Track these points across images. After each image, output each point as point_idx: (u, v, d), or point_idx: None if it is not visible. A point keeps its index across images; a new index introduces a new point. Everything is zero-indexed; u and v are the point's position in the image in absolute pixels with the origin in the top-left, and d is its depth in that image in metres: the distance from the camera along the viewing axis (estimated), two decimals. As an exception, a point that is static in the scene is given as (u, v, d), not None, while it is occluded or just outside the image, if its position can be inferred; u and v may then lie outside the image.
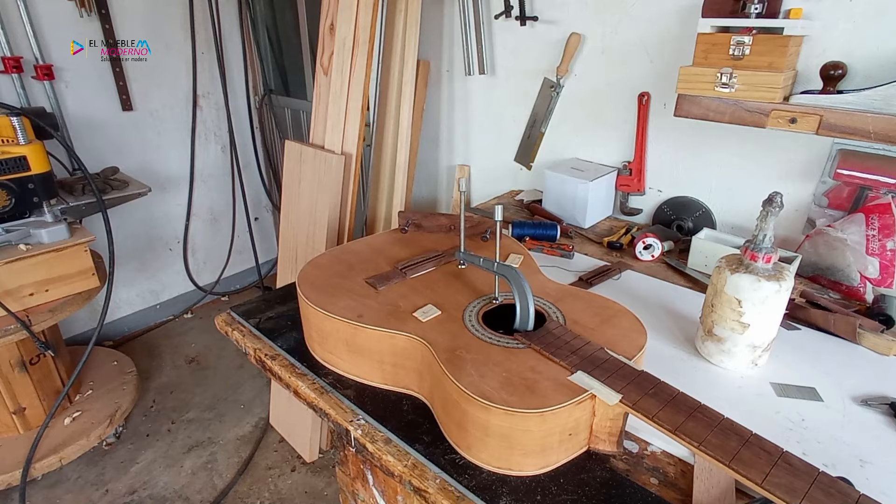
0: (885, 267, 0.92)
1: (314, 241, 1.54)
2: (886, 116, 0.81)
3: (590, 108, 1.35)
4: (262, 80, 2.48)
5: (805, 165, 1.05)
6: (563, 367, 0.61)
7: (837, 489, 0.48)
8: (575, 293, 0.79)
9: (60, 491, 1.61)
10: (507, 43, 1.46)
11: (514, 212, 1.38)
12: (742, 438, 0.53)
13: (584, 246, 1.17)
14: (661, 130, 1.23)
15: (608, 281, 1.00)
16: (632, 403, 0.57)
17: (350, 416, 0.69)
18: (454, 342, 0.66)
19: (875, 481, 0.57)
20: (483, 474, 0.59)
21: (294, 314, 0.84)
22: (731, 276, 0.70)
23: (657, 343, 0.81)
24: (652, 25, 1.17)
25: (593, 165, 1.33)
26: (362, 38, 1.38)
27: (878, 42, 0.91)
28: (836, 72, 0.90)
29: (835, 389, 0.71)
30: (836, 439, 0.63)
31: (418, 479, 0.60)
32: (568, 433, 0.59)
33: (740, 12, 0.93)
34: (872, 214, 0.93)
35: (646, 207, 1.32)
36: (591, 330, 0.69)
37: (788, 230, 1.10)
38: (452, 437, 0.63)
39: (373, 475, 0.79)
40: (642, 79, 1.22)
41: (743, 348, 0.73)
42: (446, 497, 0.57)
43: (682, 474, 0.60)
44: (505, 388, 0.57)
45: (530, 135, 1.48)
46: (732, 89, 0.91)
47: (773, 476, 0.49)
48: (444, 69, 1.65)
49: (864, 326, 0.81)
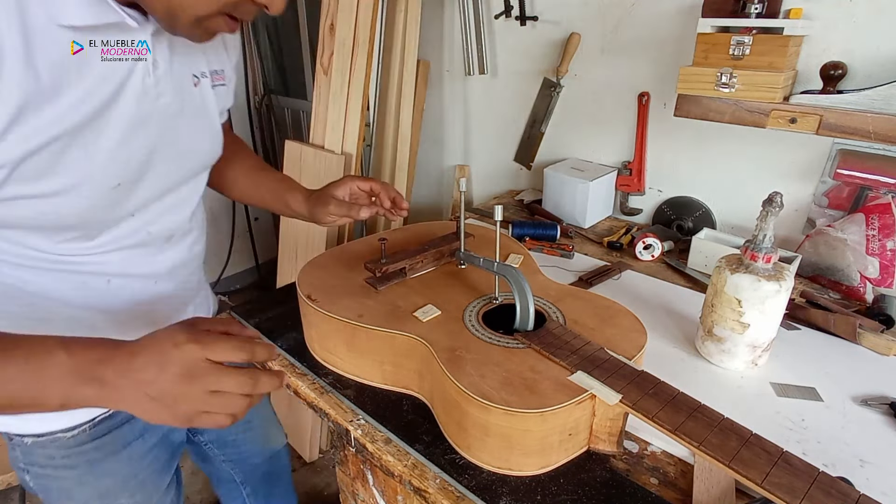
0: (885, 267, 0.92)
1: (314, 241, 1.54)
2: (886, 116, 0.81)
3: (590, 108, 1.34)
4: (262, 80, 2.48)
5: (805, 165, 1.05)
6: (563, 366, 0.61)
7: (837, 489, 0.48)
8: (575, 293, 0.79)
9: (60, 491, 1.61)
10: (507, 43, 1.46)
11: (514, 212, 1.38)
12: (742, 438, 0.53)
13: (584, 246, 1.17)
14: (661, 130, 1.23)
15: (608, 281, 1.00)
16: (632, 403, 0.57)
17: (350, 416, 0.69)
18: (454, 342, 0.66)
19: (875, 481, 0.57)
20: (483, 474, 0.59)
21: (294, 314, 0.84)
22: (731, 276, 0.70)
23: (657, 343, 0.81)
24: (652, 25, 1.16)
25: (593, 165, 1.33)
26: (362, 38, 1.38)
27: (878, 42, 0.91)
28: (836, 72, 0.90)
29: (835, 389, 0.71)
30: (836, 439, 0.63)
31: (418, 479, 0.60)
32: (568, 433, 0.59)
33: (740, 12, 0.93)
34: (872, 214, 0.93)
35: (646, 207, 1.32)
36: (591, 330, 0.69)
37: (788, 230, 1.10)
38: (452, 437, 0.63)
39: (373, 475, 0.79)
40: (642, 79, 1.22)
41: (743, 348, 0.73)
42: (446, 497, 0.57)
43: (682, 474, 0.60)
44: (505, 388, 0.57)
45: (530, 135, 1.48)
46: (732, 89, 0.91)
47: (773, 476, 0.49)
48: (444, 69, 1.65)
49: (864, 326, 0.81)
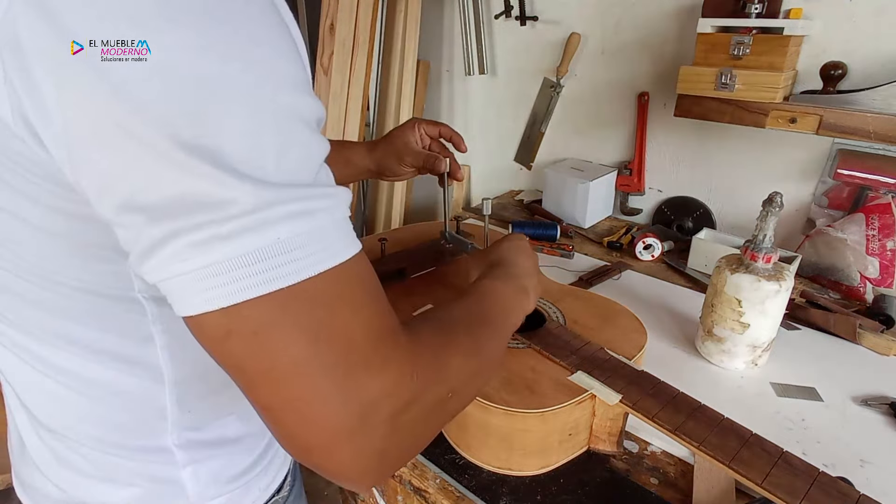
0: (885, 267, 0.92)
1: (314, 241, 1.54)
2: (886, 116, 0.81)
3: (590, 107, 1.34)
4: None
5: (805, 165, 1.05)
6: (563, 366, 0.61)
7: (837, 489, 0.48)
8: (575, 293, 0.79)
9: (60, 491, 1.61)
10: (507, 43, 1.46)
11: (514, 212, 1.38)
12: (742, 438, 0.53)
13: (584, 246, 1.17)
14: (661, 130, 1.23)
15: (608, 281, 1.00)
16: (632, 403, 0.57)
17: (350, 416, 0.69)
18: (454, 342, 0.66)
19: (875, 481, 0.57)
20: (483, 474, 0.59)
21: (294, 314, 0.84)
22: (731, 276, 0.70)
23: (657, 343, 0.81)
24: (652, 25, 1.17)
25: (593, 165, 1.33)
26: (362, 38, 1.38)
27: (878, 42, 0.91)
28: (836, 72, 0.90)
29: (835, 389, 0.71)
30: (836, 439, 0.63)
31: (418, 479, 0.60)
32: (568, 433, 0.59)
33: (740, 12, 0.93)
34: (872, 214, 0.93)
35: (646, 207, 1.32)
36: (591, 330, 0.69)
37: (788, 230, 1.10)
38: (452, 437, 0.63)
39: (373, 475, 0.79)
40: (642, 79, 1.22)
41: (743, 348, 0.73)
42: (446, 497, 0.57)
43: (682, 474, 0.60)
44: (505, 388, 0.57)
45: (530, 135, 1.48)
46: (732, 89, 0.91)
47: (773, 476, 0.49)
48: (444, 69, 1.65)
49: (864, 326, 0.81)
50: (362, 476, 0.32)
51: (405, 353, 0.32)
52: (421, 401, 0.33)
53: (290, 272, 0.27)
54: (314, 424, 0.29)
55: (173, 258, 0.26)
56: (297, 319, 0.28)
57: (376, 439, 0.30)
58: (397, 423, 0.31)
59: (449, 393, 0.36)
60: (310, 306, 0.28)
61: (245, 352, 0.28)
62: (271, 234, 0.27)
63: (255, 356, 0.28)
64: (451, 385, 0.36)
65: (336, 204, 0.30)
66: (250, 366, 0.28)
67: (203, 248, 0.26)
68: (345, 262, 0.30)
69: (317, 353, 0.28)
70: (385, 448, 0.31)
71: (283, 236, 0.27)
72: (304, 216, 0.28)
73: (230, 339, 0.28)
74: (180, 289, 0.27)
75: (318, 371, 0.28)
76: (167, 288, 0.28)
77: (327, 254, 0.29)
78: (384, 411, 0.30)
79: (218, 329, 0.28)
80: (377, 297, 0.33)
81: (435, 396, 0.34)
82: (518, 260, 0.57)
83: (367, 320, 0.31)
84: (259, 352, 0.28)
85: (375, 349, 0.31)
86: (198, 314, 0.27)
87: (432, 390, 0.34)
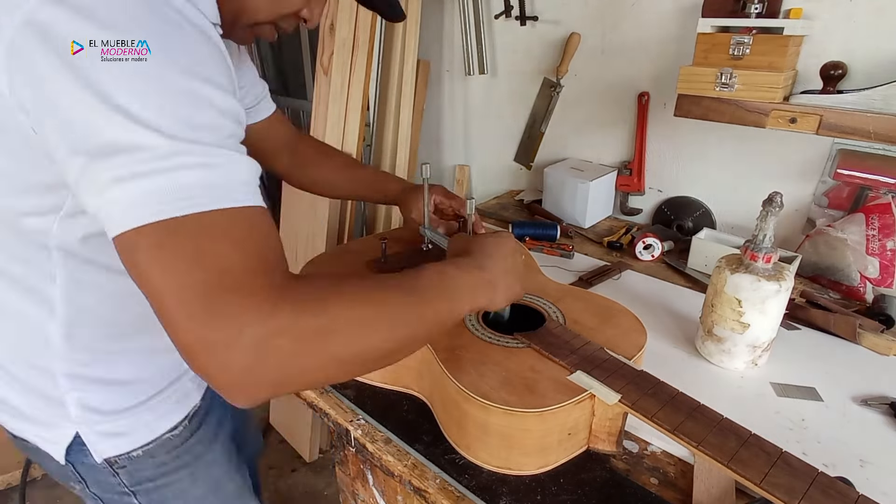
0: (885, 267, 0.92)
1: (314, 240, 1.54)
2: (886, 116, 0.81)
3: (590, 107, 1.34)
4: (263, 80, 2.48)
5: (805, 165, 1.04)
6: (562, 366, 0.61)
7: (837, 489, 0.48)
8: (575, 293, 0.79)
9: (60, 491, 1.61)
10: (507, 43, 1.46)
11: (514, 212, 1.38)
12: (741, 438, 0.53)
13: (584, 246, 1.17)
14: (661, 130, 1.23)
15: (608, 281, 1.00)
16: (631, 403, 0.57)
17: (350, 416, 0.69)
18: (453, 341, 0.66)
19: (875, 481, 0.57)
20: (483, 474, 0.59)
21: (294, 314, 0.84)
22: (731, 276, 0.70)
23: (657, 343, 0.81)
24: (652, 25, 1.16)
25: (593, 165, 1.33)
26: (362, 38, 1.38)
27: (878, 42, 0.91)
28: (836, 72, 0.90)
29: (835, 389, 0.71)
30: (836, 439, 0.63)
31: (418, 479, 0.60)
32: (567, 433, 0.59)
33: (740, 12, 0.93)
34: (872, 214, 0.93)
35: (646, 207, 1.32)
36: (591, 330, 0.69)
37: (788, 230, 1.10)
38: (452, 437, 0.63)
39: (373, 475, 0.79)
40: (642, 79, 1.22)
41: (743, 348, 0.73)
42: (446, 497, 0.57)
43: (682, 474, 0.60)
44: (504, 388, 0.57)
45: (530, 135, 1.48)
46: (732, 89, 0.91)
47: (771, 476, 0.49)
48: (444, 69, 1.65)
49: (864, 326, 0.81)
50: (230, 387, 0.37)
51: (280, 287, 0.39)
52: (291, 330, 0.37)
53: (185, 207, 0.36)
54: (187, 333, 0.36)
55: (103, 190, 0.36)
56: (183, 242, 0.36)
57: (239, 355, 0.35)
58: (264, 345, 0.36)
59: (327, 333, 0.39)
60: (196, 234, 0.37)
61: (145, 264, 0.36)
62: (176, 175, 0.36)
63: (151, 269, 0.36)
64: (328, 325, 0.39)
65: (238, 168, 0.40)
66: (147, 278, 0.36)
67: (124, 183, 0.36)
68: (236, 208, 0.39)
69: (191, 271, 0.36)
70: (249, 365, 0.36)
71: (185, 178, 0.37)
72: (206, 167, 0.38)
73: (137, 252, 0.36)
74: (108, 216, 0.37)
75: (190, 287, 0.36)
76: (102, 217, 0.37)
77: (218, 197, 0.38)
78: (249, 331, 0.36)
79: (129, 244, 0.36)
80: (265, 244, 0.40)
81: (307, 330, 0.38)
82: (494, 254, 0.59)
83: (246, 255, 0.38)
84: (154, 265, 0.36)
85: (250, 279, 0.37)
86: (120, 233, 0.36)
87: (304, 322, 0.38)
